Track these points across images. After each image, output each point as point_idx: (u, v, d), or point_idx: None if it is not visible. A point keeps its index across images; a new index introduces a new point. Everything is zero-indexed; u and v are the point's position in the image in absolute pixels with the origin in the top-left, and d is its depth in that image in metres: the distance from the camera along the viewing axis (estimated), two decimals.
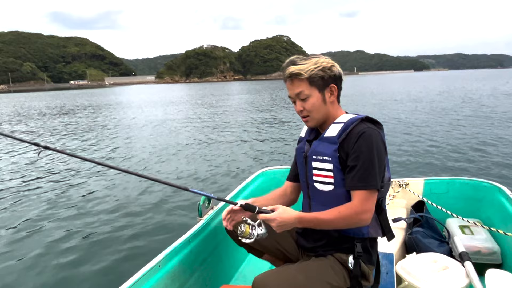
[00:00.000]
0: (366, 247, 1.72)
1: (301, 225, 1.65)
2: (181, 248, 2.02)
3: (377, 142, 1.60)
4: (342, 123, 1.66)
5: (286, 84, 1.74)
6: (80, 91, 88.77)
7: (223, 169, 8.10)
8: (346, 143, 1.62)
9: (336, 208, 1.61)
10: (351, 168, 1.59)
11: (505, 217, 2.59)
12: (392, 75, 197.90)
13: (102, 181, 7.45)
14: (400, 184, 3.20)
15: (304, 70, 1.65)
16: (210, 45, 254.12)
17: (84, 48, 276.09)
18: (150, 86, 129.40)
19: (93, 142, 12.54)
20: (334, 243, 1.73)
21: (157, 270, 1.82)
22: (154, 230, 4.84)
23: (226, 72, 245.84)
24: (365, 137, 1.58)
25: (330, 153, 1.64)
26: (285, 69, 1.70)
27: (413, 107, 20.31)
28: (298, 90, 1.68)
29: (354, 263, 1.69)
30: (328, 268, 1.68)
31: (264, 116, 18.86)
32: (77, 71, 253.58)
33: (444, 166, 7.61)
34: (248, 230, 1.64)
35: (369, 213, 1.60)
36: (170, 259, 1.93)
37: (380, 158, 1.60)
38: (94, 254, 4.32)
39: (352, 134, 1.61)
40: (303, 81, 1.67)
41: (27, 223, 5.36)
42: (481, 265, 2.33)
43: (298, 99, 1.70)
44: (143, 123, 17.39)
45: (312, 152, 1.72)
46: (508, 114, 15.50)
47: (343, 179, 1.63)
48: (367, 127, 1.61)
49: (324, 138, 1.69)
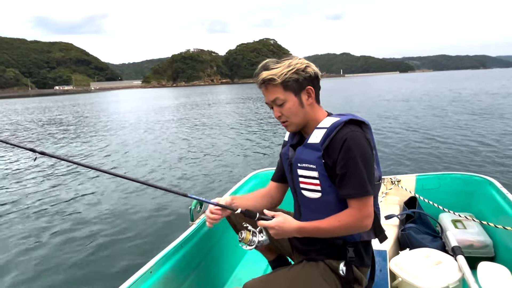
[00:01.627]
0: (358, 251, 1.69)
1: (301, 235, 1.63)
2: (173, 253, 1.98)
3: (362, 146, 1.54)
4: (325, 128, 1.59)
5: (261, 90, 1.67)
6: (64, 97, 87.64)
7: (215, 171, 8.04)
8: (330, 149, 1.56)
9: (335, 217, 1.58)
10: (342, 177, 1.54)
11: (497, 210, 2.61)
12: (377, 76, 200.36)
13: (92, 185, 7.38)
14: (392, 181, 3.20)
15: (277, 75, 1.58)
16: (197, 49, 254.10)
17: (69, 53, 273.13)
18: (137, 91, 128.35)
19: (85, 147, 12.37)
20: (326, 248, 1.70)
21: (148, 276, 1.77)
22: (146, 236, 4.77)
23: (213, 76, 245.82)
24: (349, 143, 1.52)
25: (314, 161, 1.59)
26: (258, 75, 1.63)
27: (404, 106, 20.62)
28: (273, 96, 1.62)
29: (346, 269, 1.66)
30: (318, 277, 1.65)
31: (255, 118, 18.88)
32: (62, 76, 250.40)
33: (436, 161, 7.72)
34: (249, 237, 1.63)
35: (370, 218, 1.57)
36: (162, 265, 1.88)
37: (368, 162, 1.55)
38: (83, 259, 4.25)
39: (336, 140, 1.55)
40: (277, 87, 1.60)
41: (17, 229, 5.27)
42: (474, 259, 2.34)
43: (275, 105, 1.65)
44: (133, 128, 17.20)
45: (297, 159, 1.67)
46: (496, 110, 15.88)
47: (330, 186, 1.59)
48: (351, 131, 1.55)
49: (308, 145, 1.63)
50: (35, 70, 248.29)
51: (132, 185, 6.83)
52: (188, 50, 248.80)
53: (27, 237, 4.97)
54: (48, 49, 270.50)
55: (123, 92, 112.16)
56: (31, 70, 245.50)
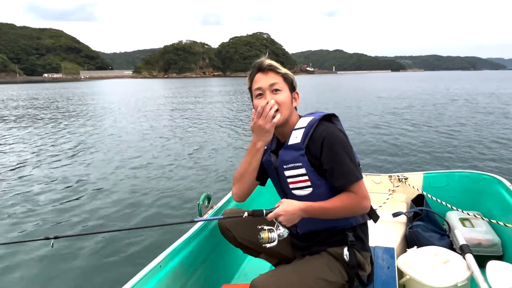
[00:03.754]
0: (357, 234, 1.77)
1: (307, 215, 1.65)
2: (181, 248, 2.01)
3: (340, 138, 1.64)
4: (303, 128, 1.69)
5: (255, 77, 1.74)
6: (54, 85, 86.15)
7: (221, 170, 7.81)
8: (311, 147, 1.65)
9: (338, 198, 1.64)
10: (331, 171, 1.63)
11: (505, 208, 2.61)
12: (370, 74, 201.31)
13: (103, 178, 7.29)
14: (400, 179, 3.20)
15: (280, 68, 1.73)
16: (190, 41, 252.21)
17: (59, 40, 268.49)
18: (127, 81, 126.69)
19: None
20: (327, 238, 1.76)
21: (158, 271, 1.81)
22: (154, 231, 4.73)
23: (205, 68, 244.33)
24: (329, 140, 1.62)
25: (299, 159, 1.67)
26: (261, 61, 1.72)
27: (413, 104, 20.79)
28: (274, 80, 1.70)
29: (349, 254, 1.72)
30: (323, 266, 1.70)
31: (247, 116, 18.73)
32: (52, 63, 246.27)
33: (444, 159, 7.76)
34: (267, 235, 1.62)
35: (367, 200, 1.67)
36: (171, 259, 1.92)
37: (349, 150, 1.65)
38: (95, 254, 4.23)
39: (315, 137, 1.65)
40: (278, 75, 1.72)
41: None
42: (482, 257, 2.35)
43: (269, 91, 1.70)
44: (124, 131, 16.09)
45: (282, 162, 1.72)
46: (504, 110, 16.11)
47: (319, 179, 1.67)
48: (326, 127, 1.65)
49: (289, 146, 1.70)
50: (23, 57, 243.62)
51: (145, 181, 6.75)
52: (181, 42, 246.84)
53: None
54: (38, 36, 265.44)
55: (113, 82, 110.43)
56: (19, 56, 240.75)
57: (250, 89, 1.80)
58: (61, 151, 9.78)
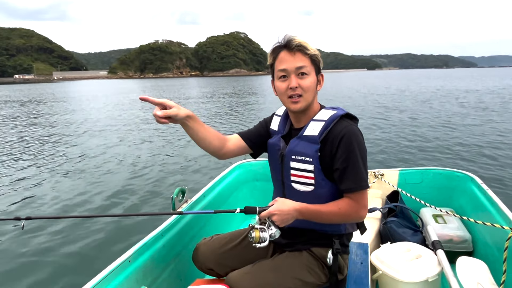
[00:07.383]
0: (343, 242, 1.73)
1: (302, 216, 1.57)
2: (153, 242, 1.97)
3: (360, 141, 1.55)
4: (323, 121, 1.58)
5: (280, 54, 1.58)
6: (25, 86, 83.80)
7: (199, 161, 7.92)
8: (328, 143, 1.55)
9: (335, 204, 1.57)
10: (342, 171, 1.54)
11: (476, 205, 2.65)
12: (347, 73, 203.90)
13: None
14: (376, 175, 3.21)
15: (310, 48, 1.56)
16: (166, 40, 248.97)
17: (30, 41, 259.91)
18: (102, 82, 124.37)
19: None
20: (312, 239, 1.72)
21: (127, 265, 1.77)
22: (128, 226, 4.66)
23: (182, 68, 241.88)
24: (349, 138, 1.52)
25: (311, 154, 1.57)
26: (291, 39, 1.54)
27: (389, 102, 21.09)
28: (301, 64, 1.55)
29: (333, 259, 1.67)
30: (301, 265, 1.67)
31: (233, 109, 18.67)
32: (23, 64, 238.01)
33: (419, 157, 7.90)
34: (258, 235, 1.53)
35: (366, 209, 1.60)
36: (142, 254, 1.88)
37: (365, 156, 1.57)
38: (62, 248, 4.13)
39: (333, 134, 1.55)
40: (306, 57, 1.56)
41: None
42: (453, 253, 2.39)
43: (295, 75, 1.56)
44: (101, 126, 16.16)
45: (291, 151, 1.63)
46: (480, 108, 16.49)
47: (323, 179, 1.58)
48: (349, 125, 1.56)
49: (304, 137, 1.60)
50: None
51: (116, 179, 6.71)
52: (157, 41, 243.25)
53: None
54: (7, 35, 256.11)
55: (87, 83, 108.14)
56: None
57: (272, 66, 1.63)
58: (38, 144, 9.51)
